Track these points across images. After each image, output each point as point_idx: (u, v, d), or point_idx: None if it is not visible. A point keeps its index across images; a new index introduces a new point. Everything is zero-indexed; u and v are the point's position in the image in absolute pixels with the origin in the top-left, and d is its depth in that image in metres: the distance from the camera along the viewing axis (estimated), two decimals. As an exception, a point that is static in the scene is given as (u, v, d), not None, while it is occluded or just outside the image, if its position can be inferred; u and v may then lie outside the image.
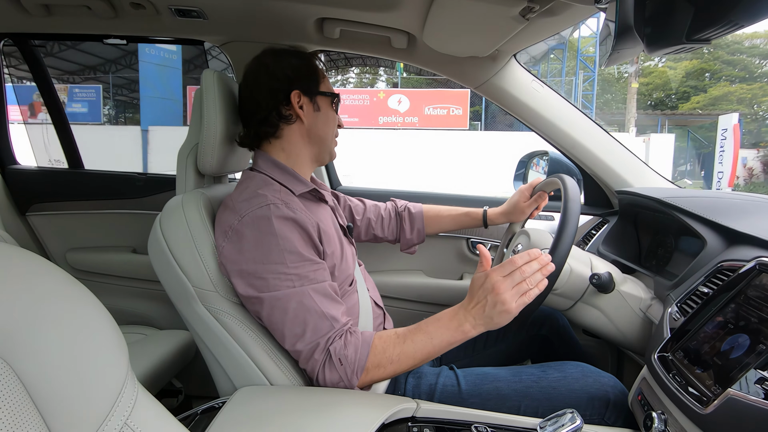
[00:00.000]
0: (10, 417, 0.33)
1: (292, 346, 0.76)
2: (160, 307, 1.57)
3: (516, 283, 0.72)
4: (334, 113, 0.94)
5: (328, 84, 0.94)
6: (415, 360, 0.76)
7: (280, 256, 0.75)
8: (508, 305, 0.71)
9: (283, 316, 0.75)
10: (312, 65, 0.91)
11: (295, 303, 0.74)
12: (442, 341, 0.75)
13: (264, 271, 0.75)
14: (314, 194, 0.91)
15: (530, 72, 1.31)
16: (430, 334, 0.76)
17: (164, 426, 0.46)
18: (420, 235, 1.20)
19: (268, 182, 0.85)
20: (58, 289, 0.40)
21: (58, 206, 1.62)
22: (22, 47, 1.54)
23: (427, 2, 0.98)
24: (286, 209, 0.78)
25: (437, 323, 0.77)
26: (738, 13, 0.46)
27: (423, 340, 0.75)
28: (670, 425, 0.67)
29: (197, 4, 1.15)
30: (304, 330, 0.74)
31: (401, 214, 1.21)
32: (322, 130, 0.92)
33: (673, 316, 0.78)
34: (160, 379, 1.24)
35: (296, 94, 0.88)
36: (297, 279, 0.75)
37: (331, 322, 0.75)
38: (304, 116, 0.89)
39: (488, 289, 0.72)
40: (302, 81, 0.89)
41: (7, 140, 1.64)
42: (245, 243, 0.76)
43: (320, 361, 0.74)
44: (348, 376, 0.74)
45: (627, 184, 1.31)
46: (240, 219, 0.77)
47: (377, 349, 0.76)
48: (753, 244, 0.75)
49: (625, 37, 0.60)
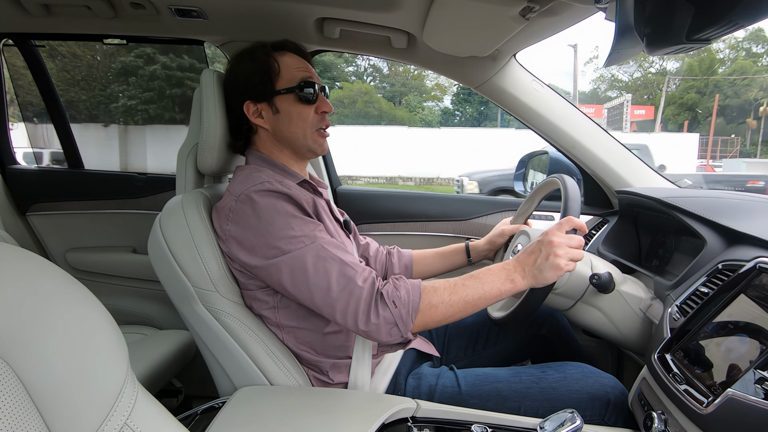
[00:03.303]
0: (10, 417, 0.33)
1: (323, 300, 0.74)
2: (160, 307, 1.57)
3: (574, 244, 0.76)
4: (301, 107, 0.87)
5: (291, 77, 0.87)
6: (466, 303, 0.75)
7: (284, 222, 0.76)
8: (561, 261, 0.74)
9: (305, 274, 0.74)
10: (265, 66, 0.86)
11: (312, 257, 0.74)
12: (492, 288, 0.75)
13: (273, 238, 0.75)
14: (307, 186, 0.91)
15: (530, 72, 1.31)
16: (481, 280, 0.76)
17: (164, 426, 0.46)
18: (407, 272, 1.17)
19: (261, 170, 0.86)
20: (58, 289, 0.40)
21: (58, 206, 1.62)
22: (22, 47, 1.54)
23: (427, 2, 0.98)
24: (280, 186, 0.79)
25: (488, 271, 0.77)
26: (738, 13, 0.46)
27: (474, 285, 0.76)
28: (670, 425, 0.67)
29: (197, 4, 1.15)
30: (329, 281, 0.73)
31: (390, 251, 1.20)
32: (287, 130, 0.88)
33: (673, 316, 0.78)
34: (160, 379, 1.24)
35: (249, 105, 0.87)
36: (306, 239, 0.75)
37: (352, 266, 0.74)
38: (265, 123, 0.88)
39: (544, 241, 0.76)
40: (253, 88, 0.86)
41: (7, 140, 1.64)
42: (248, 218, 0.77)
43: (370, 304, 0.72)
44: (404, 318, 0.72)
45: (627, 184, 1.31)
46: (237, 198, 0.78)
47: (428, 290, 0.75)
48: (753, 244, 0.75)
49: (625, 37, 0.60)
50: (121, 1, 1.16)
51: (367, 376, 0.85)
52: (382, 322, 0.72)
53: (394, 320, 0.72)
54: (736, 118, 25.45)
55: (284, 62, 0.88)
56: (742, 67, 25.14)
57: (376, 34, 1.23)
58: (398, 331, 0.73)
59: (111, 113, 7.24)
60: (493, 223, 1.49)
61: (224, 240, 0.80)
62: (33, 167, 1.69)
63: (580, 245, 0.77)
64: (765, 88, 24.70)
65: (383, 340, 0.74)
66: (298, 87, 0.86)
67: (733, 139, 23.36)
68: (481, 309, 0.77)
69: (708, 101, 25.61)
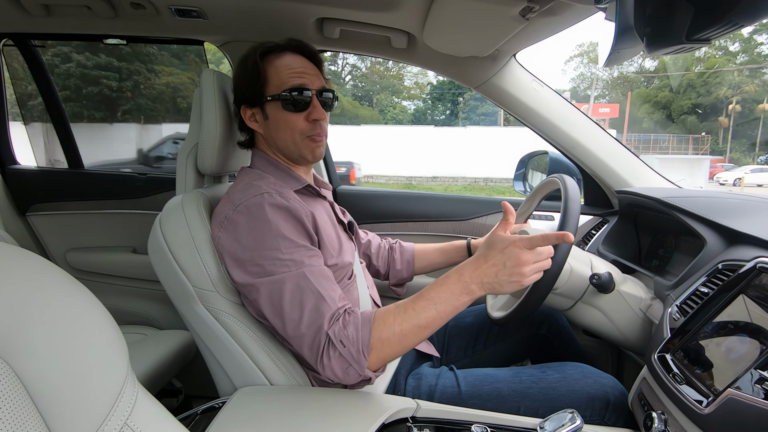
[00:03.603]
0: (10, 417, 0.33)
1: (293, 331, 0.72)
2: (160, 307, 1.57)
3: (540, 259, 0.71)
4: (287, 114, 0.85)
5: (279, 83, 0.85)
6: (421, 329, 0.71)
7: (274, 242, 0.75)
8: (524, 279, 0.71)
9: (281, 301, 0.73)
10: (254, 72, 0.85)
11: (292, 285, 0.73)
12: (447, 305, 0.71)
13: (259, 257, 0.74)
14: (309, 190, 0.91)
15: (530, 72, 1.31)
16: (432, 300, 0.72)
17: (164, 426, 0.46)
18: (409, 267, 1.17)
19: (263, 176, 0.85)
20: (58, 290, 0.40)
21: (58, 206, 1.62)
22: (22, 47, 1.54)
23: (427, 2, 0.98)
24: (280, 198, 0.78)
25: (440, 288, 0.72)
26: (738, 13, 0.46)
27: (426, 307, 0.71)
28: (670, 425, 0.67)
29: (197, 4, 1.15)
30: (301, 313, 0.71)
31: (393, 246, 1.19)
32: (277, 137, 0.87)
33: (673, 316, 0.78)
34: (160, 379, 1.24)
35: (245, 109, 0.88)
36: (292, 264, 0.74)
37: (329, 302, 0.72)
38: (259, 127, 0.88)
39: (510, 256, 0.70)
40: (245, 93, 0.87)
41: (7, 140, 1.64)
42: (240, 231, 0.77)
43: (323, 346, 0.70)
44: (355, 357, 0.69)
45: (627, 184, 1.31)
46: (234, 208, 0.78)
47: (378, 323, 0.71)
48: (753, 244, 0.75)
49: (625, 37, 0.60)
50: (121, 1, 1.16)
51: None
52: (335, 364, 0.70)
53: (346, 361, 0.70)
54: (709, 116, 25.59)
55: (275, 67, 0.86)
56: (715, 65, 25.23)
57: (376, 34, 1.23)
58: (354, 370, 0.70)
59: (31, 111, 7.24)
60: (492, 223, 1.49)
61: (216, 242, 0.80)
62: (33, 167, 1.69)
63: (549, 256, 0.73)
64: (733, 86, 24.82)
65: (342, 379, 0.71)
66: (284, 93, 0.84)
67: (704, 137, 23.54)
68: (439, 328, 0.73)
69: (681, 99, 25.73)
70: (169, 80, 8.28)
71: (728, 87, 24.70)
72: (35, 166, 1.71)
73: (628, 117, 22.86)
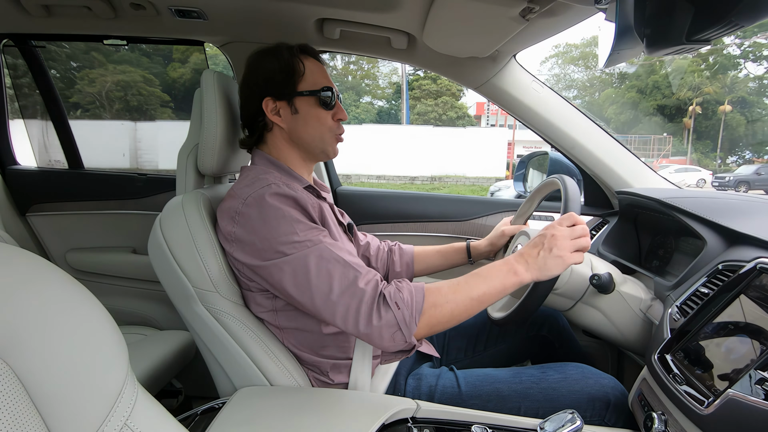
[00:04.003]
0: (10, 417, 0.33)
1: (324, 303, 0.72)
2: (160, 307, 1.57)
3: (576, 236, 0.75)
4: (320, 111, 0.88)
5: (314, 81, 0.88)
6: (471, 299, 0.74)
7: (289, 227, 0.75)
8: (564, 252, 0.74)
9: (307, 275, 0.73)
10: (288, 66, 0.87)
11: (315, 258, 0.73)
12: (496, 282, 0.75)
13: (278, 242, 0.75)
14: (311, 191, 0.91)
15: (530, 72, 1.31)
16: (484, 276, 0.76)
17: (164, 426, 0.46)
18: (409, 270, 1.17)
19: (268, 171, 0.86)
20: (58, 290, 0.40)
21: (58, 206, 1.62)
22: (22, 47, 1.54)
23: (427, 3, 0.98)
24: (287, 188, 0.79)
25: (490, 267, 0.77)
26: (738, 13, 0.46)
27: (477, 282, 0.75)
28: (671, 426, 0.67)
29: (197, 5, 1.15)
30: (331, 282, 0.72)
31: (392, 248, 1.19)
32: (304, 131, 0.88)
33: (673, 317, 0.78)
34: (160, 379, 1.24)
35: (268, 101, 0.87)
36: (310, 243, 0.75)
37: (356, 267, 0.73)
38: (282, 121, 0.88)
39: (547, 235, 0.77)
40: (275, 86, 0.87)
41: (7, 140, 1.64)
42: (254, 222, 0.77)
43: (370, 305, 0.70)
44: (407, 321, 0.70)
45: (627, 185, 1.31)
46: (244, 201, 0.78)
47: (432, 291, 0.74)
48: (753, 244, 0.75)
49: (625, 37, 0.60)
50: (121, 2, 1.16)
51: (367, 376, 0.85)
52: (384, 325, 0.70)
53: (397, 323, 0.70)
54: (674, 117, 25.73)
55: (310, 65, 0.89)
56: (680, 67, 25.26)
57: (376, 35, 1.23)
58: (401, 336, 0.70)
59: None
60: (492, 223, 1.49)
61: (228, 241, 0.80)
62: (33, 167, 1.69)
63: (584, 235, 0.77)
64: (693, 87, 24.99)
65: (386, 344, 0.71)
66: (320, 91, 0.88)
67: (665, 137, 23.74)
68: (487, 305, 0.76)
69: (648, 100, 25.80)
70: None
71: (688, 88, 24.87)
72: (35, 167, 1.71)
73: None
